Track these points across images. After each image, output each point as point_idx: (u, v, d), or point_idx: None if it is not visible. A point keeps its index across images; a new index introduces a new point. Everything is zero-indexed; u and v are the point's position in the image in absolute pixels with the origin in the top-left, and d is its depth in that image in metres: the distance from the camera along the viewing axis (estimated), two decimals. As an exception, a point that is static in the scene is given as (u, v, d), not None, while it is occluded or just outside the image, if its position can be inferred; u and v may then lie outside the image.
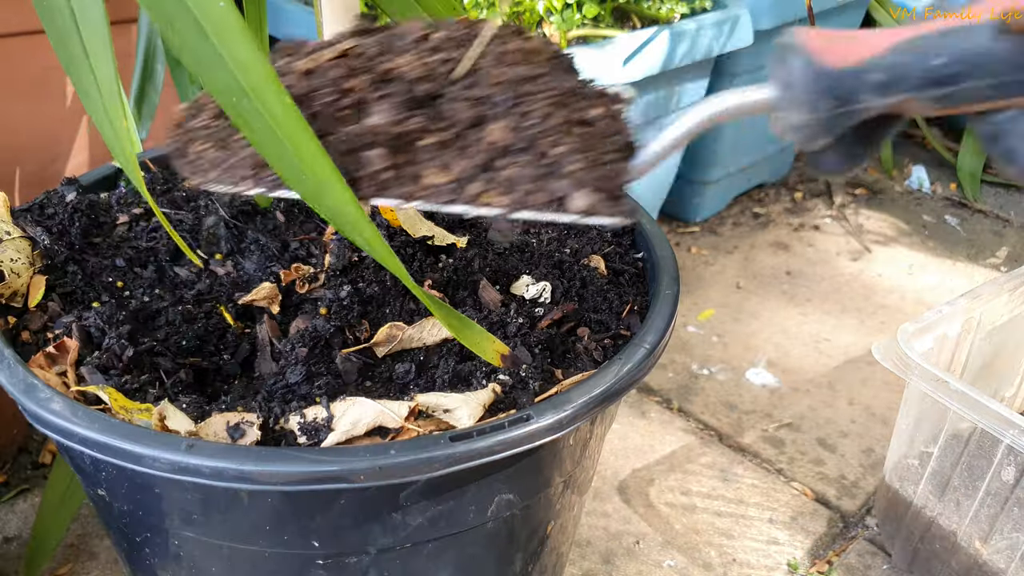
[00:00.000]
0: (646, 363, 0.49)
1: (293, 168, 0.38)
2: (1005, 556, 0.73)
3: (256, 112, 0.38)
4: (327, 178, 0.38)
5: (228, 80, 0.38)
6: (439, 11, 0.68)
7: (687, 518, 0.87)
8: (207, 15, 0.37)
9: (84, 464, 0.47)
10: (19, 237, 0.57)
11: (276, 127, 0.38)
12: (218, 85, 0.38)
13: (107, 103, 0.41)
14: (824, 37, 0.35)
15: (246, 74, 0.37)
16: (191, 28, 0.37)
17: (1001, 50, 0.30)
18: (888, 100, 0.33)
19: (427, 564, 0.50)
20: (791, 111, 0.35)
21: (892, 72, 0.33)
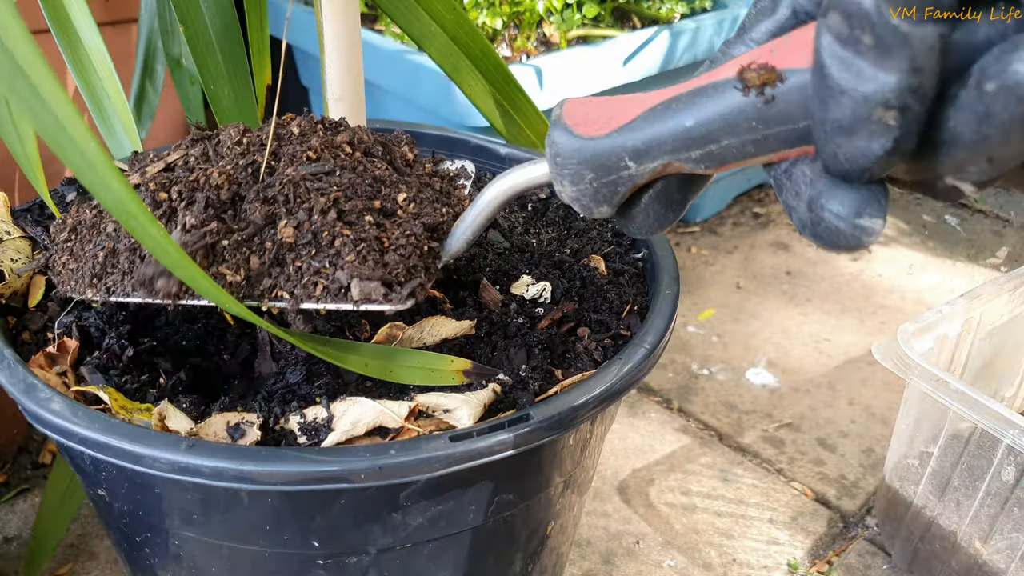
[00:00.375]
0: (646, 363, 0.49)
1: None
2: (1005, 556, 0.73)
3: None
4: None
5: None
6: (439, 12, 0.68)
7: (687, 518, 0.87)
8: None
9: (84, 464, 0.47)
10: (19, 237, 0.57)
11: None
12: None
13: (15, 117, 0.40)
14: (585, 107, 0.35)
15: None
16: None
17: (745, 106, 0.29)
18: (649, 165, 0.33)
19: (427, 564, 0.50)
20: (562, 184, 0.35)
21: (646, 137, 0.32)
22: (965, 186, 0.27)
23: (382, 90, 0.99)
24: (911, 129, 0.26)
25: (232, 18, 0.59)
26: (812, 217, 0.29)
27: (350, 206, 0.43)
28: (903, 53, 0.25)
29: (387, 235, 0.43)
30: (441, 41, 0.69)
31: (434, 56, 0.70)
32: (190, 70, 0.85)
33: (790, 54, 0.29)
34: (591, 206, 0.36)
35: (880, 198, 0.28)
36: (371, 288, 0.41)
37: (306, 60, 1.13)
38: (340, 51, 0.56)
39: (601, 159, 0.34)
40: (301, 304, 0.42)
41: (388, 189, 0.45)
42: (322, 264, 0.42)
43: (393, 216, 0.44)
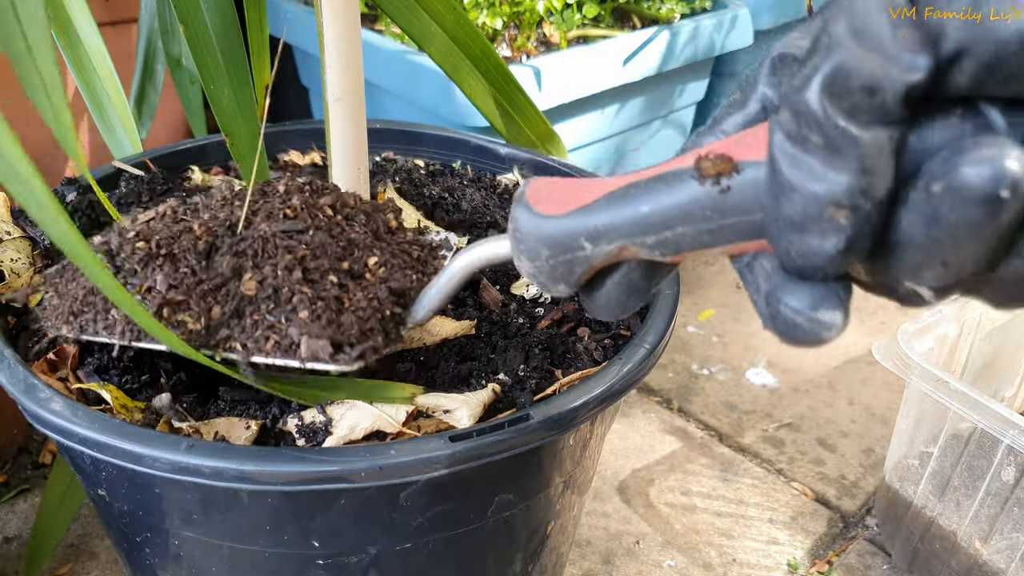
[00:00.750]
0: (646, 363, 0.49)
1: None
2: (1005, 556, 0.73)
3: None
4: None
5: None
6: (439, 12, 0.68)
7: (687, 518, 0.87)
8: None
9: (84, 464, 0.47)
10: (19, 237, 0.57)
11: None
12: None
13: (51, 93, 0.40)
14: (549, 186, 0.35)
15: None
16: None
17: (701, 195, 0.29)
18: (605, 248, 0.33)
19: (427, 564, 0.50)
20: (520, 259, 0.36)
21: (603, 220, 0.32)
22: (924, 291, 0.27)
23: (382, 90, 0.99)
24: (863, 229, 0.26)
25: (232, 18, 0.59)
26: (770, 311, 0.29)
27: (315, 265, 0.44)
28: (852, 153, 0.25)
29: (349, 296, 0.44)
30: (441, 41, 0.69)
31: (434, 56, 0.69)
32: (190, 70, 0.85)
33: (749, 147, 0.29)
34: (547, 284, 0.36)
35: (839, 292, 0.28)
36: (319, 346, 0.42)
37: (306, 60, 1.13)
38: (340, 51, 0.56)
39: (557, 237, 0.34)
40: (251, 357, 0.43)
41: (361, 252, 0.46)
42: (277, 319, 0.42)
43: (360, 279, 0.45)
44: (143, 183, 0.66)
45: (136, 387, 0.48)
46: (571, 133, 1.02)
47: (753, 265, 0.30)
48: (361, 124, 0.60)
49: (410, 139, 0.76)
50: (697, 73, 1.14)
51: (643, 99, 1.09)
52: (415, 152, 0.76)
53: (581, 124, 1.02)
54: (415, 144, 0.76)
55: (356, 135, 0.60)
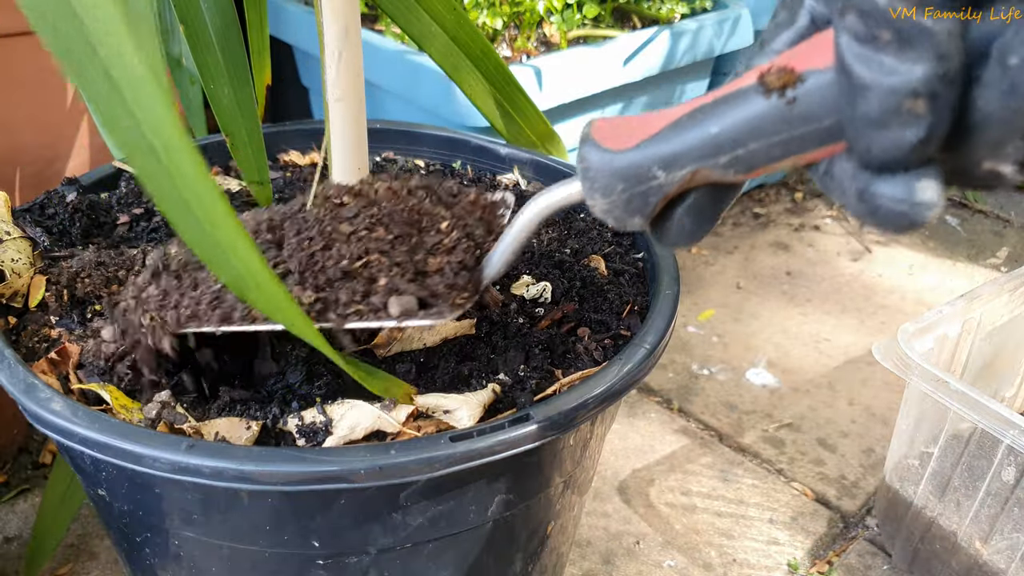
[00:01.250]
0: (646, 363, 0.49)
1: (195, 227, 0.36)
2: (1005, 556, 0.73)
3: (165, 171, 0.35)
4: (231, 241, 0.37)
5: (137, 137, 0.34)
6: (439, 12, 0.68)
7: (687, 518, 0.87)
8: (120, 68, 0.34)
9: (84, 464, 0.47)
10: (19, 237, 0.57)
11: (181, 184, 0.35)
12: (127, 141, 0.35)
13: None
14: (612, 124, 0.37)
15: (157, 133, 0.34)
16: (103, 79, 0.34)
17: (768, 109, 0.30)
18: (678, 173, 0.34)
19: (427, 564, 0.50)
20: (594, 198, 0.37)
21: (674, 147, 0.33)
22: (1005, 168, 0.28)
23: (382, 90, 0.99)
24: (942, 115, 0.27)
25: (232, 18, 0.59)
26: (868, 207, 0.30)
27: (397, 231, 0.47)
28: (925, 43, 0.26)
29: (430, 258, 0.46)
30: (441, 41, 0.69)
31: (434, 56, 0.69)
32: (190, 70, 0.85)
33: (809, 57, 0.30)
34: (624, 217, 0.37)
35: (929, 173, 0.29)
36: (409, 303, 0.44)
37: (306, 60, 1.13)
38: (340, 51, 0.56)
39: (630, 170, 0.35)
40: (346, 324, 0.44)
41: (431, 219, 0.49)
42: (366, 287, 0.45)
43: (437, 244, 0.48)
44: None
45: (137, 388, 0.48)
46: (572, 133, 1.02)
47: (832, 171, 0.31)
48: (361, 124, 0.60)
49: (410, 139, 0.76)
50: (698, 73, 1.14)
51: (644, 99, 1.08)
52: (415, 152, 0.76)
53: (582, 124, 1.02)
54: (415, 144, 0.76)
55: (356, 135, 0.60)
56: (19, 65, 0.83)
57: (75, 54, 0.34)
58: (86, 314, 0.54)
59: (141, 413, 0.45)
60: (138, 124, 0.34)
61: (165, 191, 0.35)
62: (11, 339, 0.50)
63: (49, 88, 0.86)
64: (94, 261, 0.57)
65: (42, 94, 0.85)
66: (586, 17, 1.02)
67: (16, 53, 0.82)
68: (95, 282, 0.55)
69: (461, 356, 0.52)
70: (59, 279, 0.55)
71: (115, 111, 0.34)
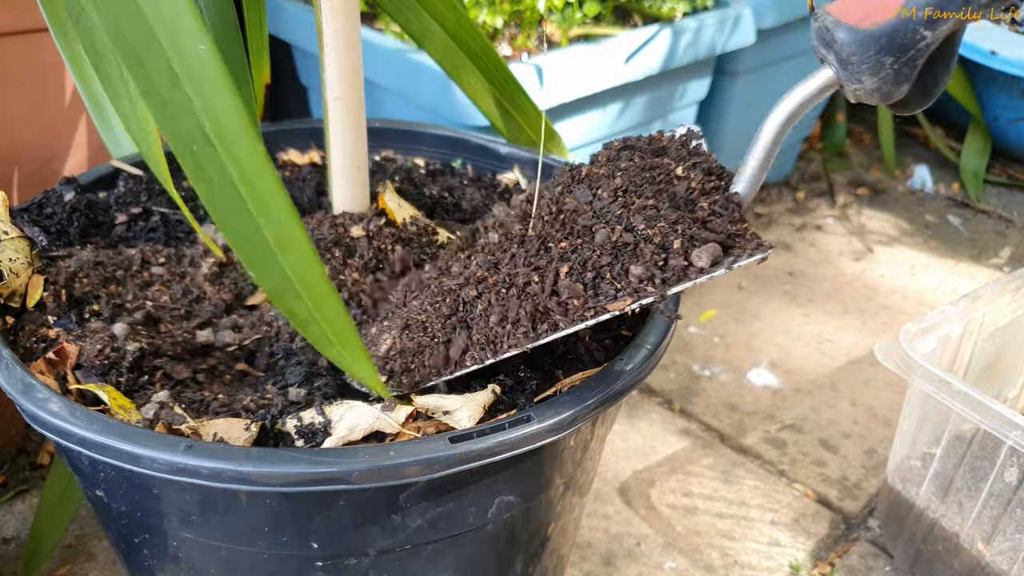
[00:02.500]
0: (647, 364, 0.49)
1: (249, 234, 0.35)
2: (1008, 558, 0.73)
3: (219, 163, 0.34)
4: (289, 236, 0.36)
5: (193, 128, 0.34)
6: (439, 10, 0.67)
7: (688, 520, 0.87)
8: (183, 58, 0.34)
9: (82, 465, 0.47)
10: (17, 237, 0.57)
11: (241, 181, 0.35)
12: (180, 132, 0.35)
13: (136, 102, 0.41)
14: (848, 4, 0.37)
15: (216, 123, 0.34)
16: (163, 71, 0.34)
17: None
18: (942, 28, 0.35)
19: (427, 566, 0.49)
20: (860, 80, 0.37)
21: (934, 4, 0.34)
22: None
23: (382, 89, 0.98)
24: None
25: (231, 17, 0.59)
26: None
27: (651, 192, 0.47)
28: None
29: (697, 205, 0.46)
30: (441, 40, 0.69)
31: (434, 55, 0.69)
32: (190, 69, 0.85)
33: None
34: (892, 90, 0.37)
35: None
36: (714, 251, 0.44)
37: (305, 59, 1.13)
38: (339, 50, 0.56)
39: (898, 39, 0.35)
40: (670, 289, 0.44)
41: (661, 170, 0.48)
42: (661, 253, 0.44)
43: (689, 190, 0.47)
44: (142, 183, 0.66)
45: (136, 388, 0.48)
46: (572, 132, 1.02)
47: None
48: (360, 123, 0.60)
49: (410, 138, 0.76)
50: (699, 72, 1.14)
51: (645, 98, 1.08)
52: (415, 151, 0.76)
53: (582, 123, 1.02)
54: (415, 143, 0.76)
55: (355, 134, 0.60)
56: (17, 64, 0.82)
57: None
58: (84, 314, 0.53)
59: (139, 413, 0.45)
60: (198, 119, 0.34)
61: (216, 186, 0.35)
62: (9, 339, 0.50)
63: (47, 87, 0.85)
64: (92, 261, 0.56)
65: (40, 93, 0.85)
66: (587, 15, 1.01)
67: (14, 52, 0.82)
68: (93, 282, 0.55)
69: (461, 356, 0.52)
70: (57, 279, 0.54)
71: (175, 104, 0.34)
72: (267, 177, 0.34)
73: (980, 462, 0.73)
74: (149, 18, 0.34)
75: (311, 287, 0.37)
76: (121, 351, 0.49)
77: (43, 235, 0.58)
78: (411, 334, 0.49)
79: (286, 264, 0.36)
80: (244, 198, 0.35)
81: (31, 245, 0.57)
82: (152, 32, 0.33)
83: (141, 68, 0.34)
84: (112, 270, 0.56)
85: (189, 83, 0.34)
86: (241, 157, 0.34)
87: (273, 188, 0.35)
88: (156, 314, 0.54)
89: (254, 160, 0.34)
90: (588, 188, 0.48)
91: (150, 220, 0.63)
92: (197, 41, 0.33)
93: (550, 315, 0.45)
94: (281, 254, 0.36)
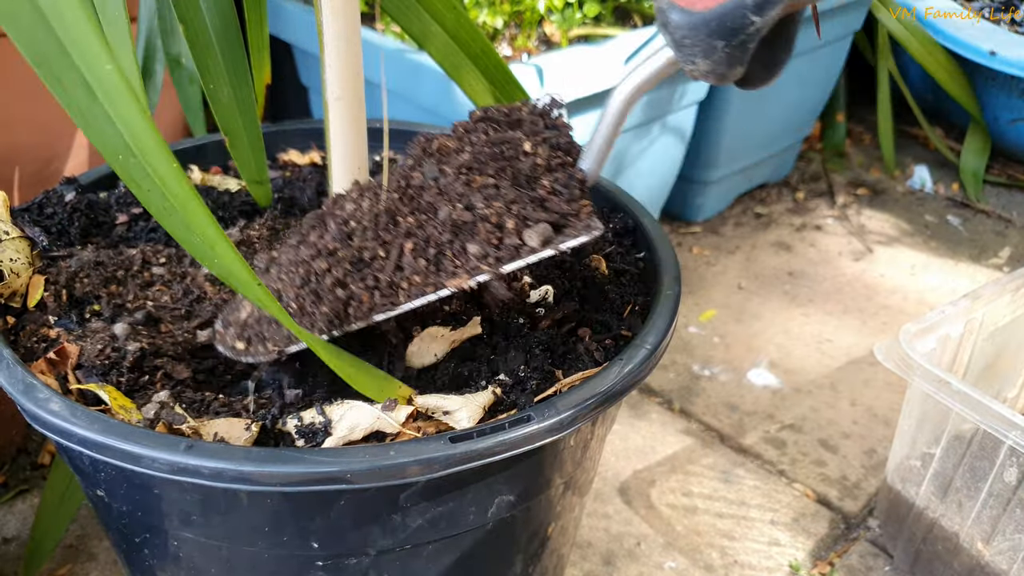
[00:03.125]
0: (647, 364, 0.49)
1: (181, 227, 0.40)
2: (1007, 557, 0.73)
3: (142, 170, 0.39)
4: (213, 238, 0.40)
5: (116, 139, 0.39)
6: (439, 11, 0.67)
7: (688, 519, 0.87)
8: (96, 76, 0.38)
9: (83, 465, 0.47)
10: (18, 237, 0.57)
11: (161, 185, 0.39)
12: (107, 143, 0.39)
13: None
14: None
15: (134, 136, 0.38)
16: (80, 87, 0.38)
17: None
18: (771, 13, 0.35)
19: (427, 565, 0.49)
20: (694, 62, 0.38)
21: None
22: None
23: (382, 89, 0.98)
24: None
25: (232, 17, 0.59)
26: None
27: (493, 170, 0.47)
28: None
29: (537, 183, 0.46)
30: (441, 40, 0.69)
31: (434, 55, 0.69)
32: (189, 69, 0.85)
33: None
34: (726, 72, 0.38)
35: None
36: (545, 231, 0.45)
37: (306, 59, 1.13)
38: (340, 50, 0.56)
39: (727, 23, 0.36)
40: (503, 267, 0.45)
41: (511, 145, 0.49)
42: (496, 232, 0.45)
43: (533, 166, 0.47)
44: (142, 183, 0.66)
45: (136, 388, 0.48)
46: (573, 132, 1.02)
47: None
48: (361, 123, 0.60)
49: (410, 138, 0.76)
50: (698, 73, 1.14)
51: (644, 99, 1.08)
52: (415, 152, 0.76)
53: (582, 123, 1.02)
54: (415, 144, 0.76)
55: (356, 134, 0.60)
56: (17, 65, 0.82)
57: (49, 60, 0.37)
58: (85, 314, 0.53)
59: (140, 413, 0.45)
60: (116, 129, 0.38)
61: (145, 191, 0.39)
62: (10, 339, 0.50)
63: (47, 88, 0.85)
64: (93, 261, 0.56)
65: (40, 94, 0.85)
66: (587, 16, 1.01)
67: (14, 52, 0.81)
68: (94, 282, 0.55)
69: (461, 357, 0.52)
70: (58, 279, 0.55)
71: (93, 115, 0.38)
72: (184, 189, 0.39)
73: (980, 462, 0.73)
74: (62, 40, 0.37)
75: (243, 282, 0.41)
76: (122, 351, 0.49)
77: (44, 235, 0.58)
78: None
79: (217, 258, 0.40)
80: (171, 204, 0.39)
81: (32, 245, 0.57)
82: (66, 52, 0.37)
83: (60, 86, 0.38)
84: (113, 270, 0.56)
85: (105, 99, 0.38)
86: (160, 170, 0.39)
87: (190, 197, 0.40)
88: (157, 314, 0.54)
89: (170, 173, 0.39)
90: (436, 163, 0.49)
91: (151, 220, 0.63)
92: (104, 61, 0.37)
93: (393, 290, 0.46)
94: (212, 251, 0.40)
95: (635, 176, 1.17)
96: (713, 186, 1.36)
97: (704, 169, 1.33)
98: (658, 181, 1.24)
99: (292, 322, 0.43)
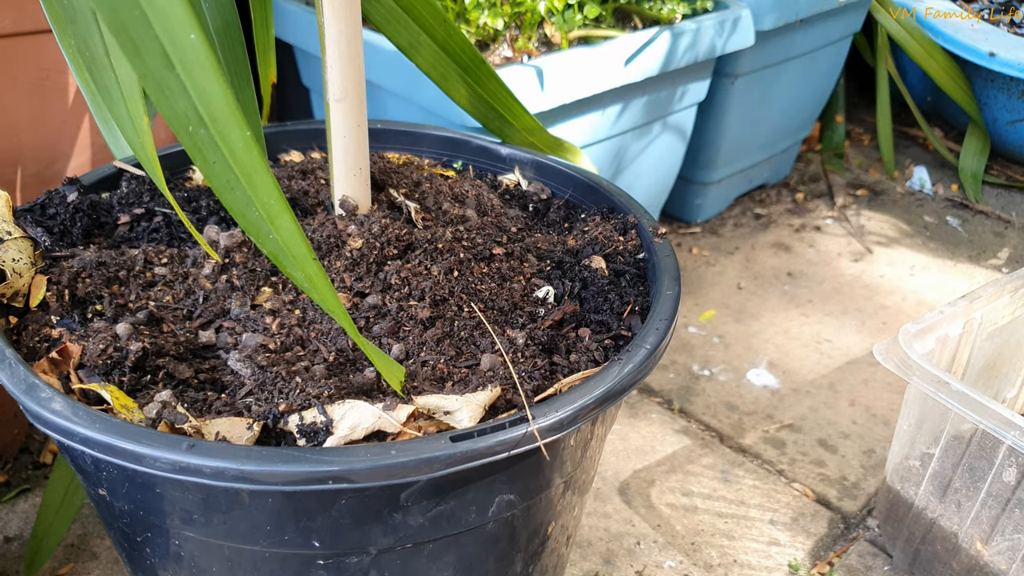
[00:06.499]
0: (647, 364, 0.49)
1: (242, 200, 0.39)
2: (1006, 557, 0.73)
3: (211, 140, 0.38)
4: (275, 209, 0.40)
5: (188, 109, 0.38)
6: (427, 22, 0.67)
7: (688, 519, 0.87)
8: (176, 45, 0.37)
9: (85, 464, 0.47)
10: (20, 237, 0.57)
11: (229, 156, 0.39)
12: (177, 113, 0.38)
13: (128, 102, 0.42)
14: None
15: (208, 105, 0.38)
16: (158, 56, 0.37)
17: None
18: None
19: (428, 564, 0.49)
20: None
21: None
22: None
23: (383, 90, 0.99)
24: None
25: (233, 17, 0.59)
26: None
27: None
28: None
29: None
30: (431, 51, 0.68)
31: (422, 65, 0.69)
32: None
33: None
34: None
35: None
36: None
37: (307, 60, 1.13)
38: (341, 51, 0.56)
39: None
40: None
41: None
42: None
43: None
44: (144, 184, 0.66)
45: (138, 387, 0.48)
46: (572, 134, 1.02)
47: None
48: (362, 124, 0.60)
49: (411, 139, 0.76)
50: (698, 74, 1.14)
51: (645, 100, 1.08)
52: (416, 152, 0.76)
53: (582, 125, 1.02)
54: (416, 144, 0.76)
55: (357, 135, 0.60)
56: (20, 65, 0.83)
57: (128, 27, 0.36)
58: (87, 314, 0.54)
59: (142, 413, 0.45)
60: (190, 98, 0.37)
61: (211, 163, 0.38)
62: (12, 339, 0.50)
63: (50, 88, 0.86)
64: (95, 261, 0.57)
65: (43, 94, 0.86)
66: (587, 17, 1.02)
67: (17, 53, 0.82)
68: (96, 282, 0.56)
69: (462, 356, 0.52)
70: (60, 279, 0.55)
71: (168, 85, 0.37)
72: (254, 158, 0.39)
73: (978, 462, 0.73)
74: (144, 8, 0.36)
75: (297, 257, 0.41)
76: (124, 351, 0.49)
77: (46, 235, 0.58)
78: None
79: (273, 232, 0.40)
80: (237, 175, 0.39)
81: (34, 245, 0.57)
82: (147, 20, 0.36)
83: (137, 55, 0.37)
84: (115, 270, 0.57)
85: (182, 68, 0.37)
86: (230, 139, 0.38)
87: (258, 166, 0.39)
88: (159, 314, 0.54)
89: (241, 141, 0.38)
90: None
91: (153, 220, 0.63)
92: (188, 31, 0.36)
93: None
94: (271, 225, 0.40)
95: (635, 176, 1.17)
96: (713, 187, 1.36)
97: (704, 170, 1.33)
98: (658, 181, 1.24)
99: (339, 305, 0.42)
